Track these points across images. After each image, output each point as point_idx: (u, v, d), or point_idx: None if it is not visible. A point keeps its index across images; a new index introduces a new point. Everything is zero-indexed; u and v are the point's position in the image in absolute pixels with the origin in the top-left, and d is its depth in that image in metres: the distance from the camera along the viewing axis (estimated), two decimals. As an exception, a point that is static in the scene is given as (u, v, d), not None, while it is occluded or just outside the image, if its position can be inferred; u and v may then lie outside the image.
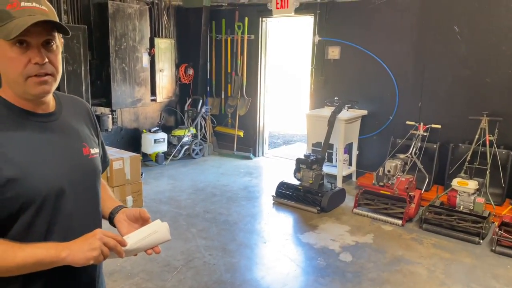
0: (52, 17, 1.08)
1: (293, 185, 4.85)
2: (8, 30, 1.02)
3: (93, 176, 1.25)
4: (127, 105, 5.86)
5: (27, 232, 1.09)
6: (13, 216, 1.08)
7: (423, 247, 3.83)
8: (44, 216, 1.11)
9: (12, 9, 1.03)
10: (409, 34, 5.08)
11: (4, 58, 1.06)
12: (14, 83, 1.09)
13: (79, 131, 1.25)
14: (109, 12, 5.37)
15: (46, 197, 1.10)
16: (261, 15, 6.34)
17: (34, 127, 1.14)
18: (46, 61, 1.07)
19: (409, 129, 4.97)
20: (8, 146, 1.07)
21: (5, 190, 1.05)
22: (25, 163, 1.08)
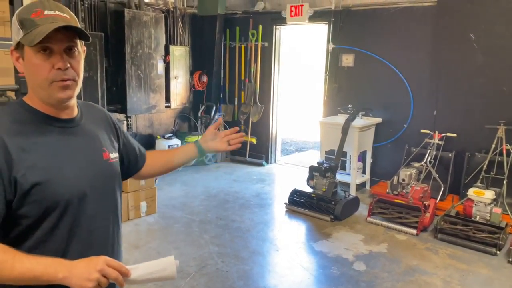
0: (73, 24, 1.11)
1: (306, 192, 4.83)
2: (32, 36, 1.06)
3: (113, 180, 1.28)
4: (142, 111, 5.92)
5: (51, 234, 1.12)
6: (38, 219, 1.10)
7: (438, 257, 3.78)
8: (67, 220, 1.13)
9: (36, 17, 1.08)
10: (424, 42, 5.05)
11: (30, 65, 1.10)
12: (39, 88, 1.12)
13: (99, 136, 1.28)
14: (125, 19, 5.45)
15: (69, 201, 1.13)
16: (275, 23, 6.37)
17: (57, 132, 1.17)
18: (68, 66, 1.11)
19: (424, 137, 4.92)
20: (33, 151, 1.10)
21: (30, 195, 1.07)
22: (49, 168, 1.10)
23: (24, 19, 1.09)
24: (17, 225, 1.10)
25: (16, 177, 1.06)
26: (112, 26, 5.61)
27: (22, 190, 1.06)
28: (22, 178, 1.06)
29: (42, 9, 1.09)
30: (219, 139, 1.57)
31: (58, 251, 1.12)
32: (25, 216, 1.09)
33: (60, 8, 1.12)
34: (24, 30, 1.08)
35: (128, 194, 4.32)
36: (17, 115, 1.14)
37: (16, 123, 1.12)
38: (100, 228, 1.22)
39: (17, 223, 1.10)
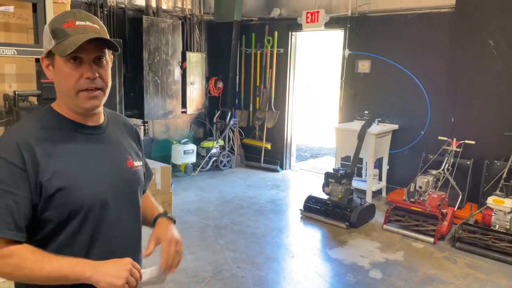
0: (103, 35, 1.15)
1: (321, 199, 4.81)
2: (64, 47, 1.09)
3: (136, 187, 1.30)
4: (159, 116, 5.99)
5: (74, 239, 1.14)
6: (61, 224, 1.13)
7: (456, 266, 3.71)
8: (90, 225, 1.16)
9: (68, 28, 1.11)
10: (441, 48, 5.01)
11: (59, 73, 1.14)
12: (66, 96, 1.15)
13: (124, 144, 1.30)
14: (143, 26, 5.54)
15: (92, 207, 1.15)
16: (290, 29, 6.40)
17: (83, 139, 1.19)
18: (97, 76, 1.14)
19: (442, 144, 4.86)
20: (58, 157, 1.13)
21: (54, 199, 1.10)
22: (73, 174, 1.13)
23: (56, 29, 1.12)
24: (41, 229, 1.13)
25: (42, 182, 1.09)
26: (130, 32, 5.70)
27: (46, 194, 1.09)
28: (47, 183, 1.09)
29: (74, 19, 1.12)
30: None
31: (79, 256, 1.14)
32: (49, 220, 1.12)
33: (91, 18, 1.16)
34: (55, 40, 1.11)
35: (145, 198, 4.36)
36: (45, 121, 1.18)
37: (44, 129, 1.15)
38: (122, 235, 1.24)
39: (41, 227, 1.13)
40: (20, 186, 1.07)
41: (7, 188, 1.06)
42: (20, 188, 1.07)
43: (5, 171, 1.06)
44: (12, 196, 1.06)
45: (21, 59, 3.34)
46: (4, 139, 1.13)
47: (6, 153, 1.08)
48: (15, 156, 1.07)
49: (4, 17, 3.30)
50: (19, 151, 1.08)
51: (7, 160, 1.07)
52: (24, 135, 1.11)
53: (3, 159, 1.07)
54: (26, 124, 1.19)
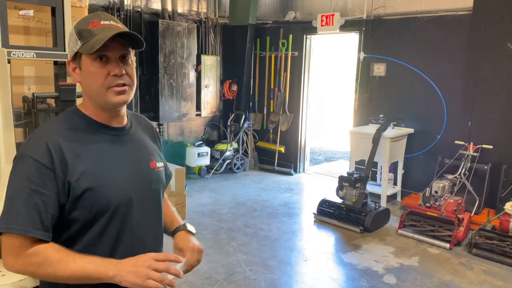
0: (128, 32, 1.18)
1: (335, 203, 4.78)
2: (90, 45, 1.11)
3: (158, 188, 1.32)
4: (174, 119, 6.04)
5: (99, 239, 1.16)
6: (88, 224, 1.15)
7: (473, 273, 3.65)
8: (115, 225, 1.18)
9: (93, 28, 1.14)
10: (459, 51, 4.94)
11: (87, 73, 1.16)
12: (96, 94, 1.17)
13: (146, 145, 1.32)
14: (159, 30, 5.60)
15: (118, 207, 1.17)
16: (305, 32, 6.39)
17: (108, 140, 1.21)
18: (124, 72, 1.16)
19: (458, 149, 4.79)
20: (86, 157, 1.15)
21: (82, 199, 1.12)
22: (100, 174, 1.15)
23: (82, 30, 1.15)
24: (68, 229, 1.15)
25: (70, 182, 1.11)
26: (146, 36, 5.77)
27: (74, 195, 1.11)
28: (75, 183, 1.11)
29: (98, 20, 1.16)
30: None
31: (104, 256, 1.15)
32: (76, 220, 1.14)
33: (114, 19, 1.19)
34: (82, 41, 1.14)
35: (159, 200, 4.39)
36: (72, 122, 1.20)
37: (71, 130, 1.17)
38: (144, 235, 1.25)
39: (68, 227, 1.14)
40: (48, 186, 1.08)
41: (35, 187, 1.07)
42: (48, 188, 1.08)
43: (34, 171, 1.08)
44: (40, 195, 1.07)
45: (39, 62, 3.40)
46: (33, 139, 1.15)
47: (36, 153, 1.10)
48: (44, 157, 1.09)
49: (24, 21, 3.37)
50: (48, 151, 1.10)
51: (36, 160, 1.09)
52: (53, 135, 1.13)
53: (32, 159, 1.09)
54: (54, 125, 1.21)
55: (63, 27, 3.27)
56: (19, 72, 3.37)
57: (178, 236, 1.37)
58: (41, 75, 3.51)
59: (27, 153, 1.11)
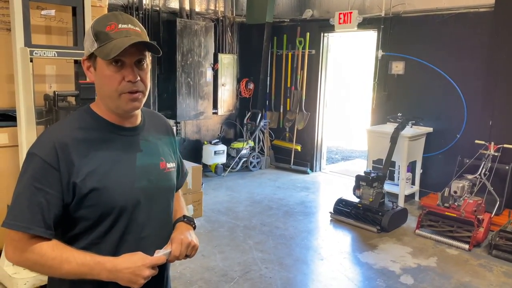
0: (145, 38, 1.17)
1: (352, 202, 4.75)
2: (107, 50, 1.11)
3: (168, 189, 1.31)
4: (191, 117, 6.09)
5: (104, 238, 1.17)
6: (94, 223, 1.16)
7: (492, 274, 3.58)
8: (120, 226, 1.18)
9: (111, 31, 1.13)
10: (479, 49, 4.84)
11: (101, 76, 1.15)
12: (108, 98, 1.17)
13: (158, 145, 1.31)
14: (177, 28, 5.65)
15: (124, 208, 1.17)
16: (322, 31, 6.36)
17: (119, 140, 1.21)
18: (138, 79, 1.15)
19: (478, 148, 4.69)
20: (94, 158, 1.15)
21: (88, 199, 1.13)
22: (107, 175, 1.15)
23: (99, 32, 1.13)
24: (74, 227, 1.17)
25: (76, 182, 1.12)
26: (164, 34, 5.83)
27: (80, 194, 1.12)
28: (81, 183, 1.12)
29: (116, 22, 1.14)
30: None
31: (107, 254, 1.16)
32: (82, 218, 1.15)
33: (132, 21, 1.17)
34: (98, 43, 1.13)
35: (176, 197, 4.44)
36: (83, 121, 1.20)
37: (82, 129, 1.18)
38: (150, 236, 1.25)
39: (74, 225, 1.16)
40: (52, 185, 1.10)
41: (40, 186, 1.09)
42: (52, 187, 1.10)
43: (40, 169, 1.10)
44: (44, 194, 1.09)
45: (60, 61, 3.47)
46: (42, 138, 1.16)
47: (42, 152, 1.11)
48: (50, 156, 1.10)
49: (46, 21, 3.44)
50: (54, 151, 1.10)
51: (42, 158, 1.10)
52: (61, 135, 1.14)
53: (39, 158, 1.10)
54: (65, 124, 1.22)
55: (83, 27, 3.34)
56: (41, 70, 3.45)
57: (176, 228, 1.33)
58: (62, 73, 3.58)
59: (34, 151, 1.12)
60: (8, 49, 3.15)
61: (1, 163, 3.34)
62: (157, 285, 1.30)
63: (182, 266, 3.53)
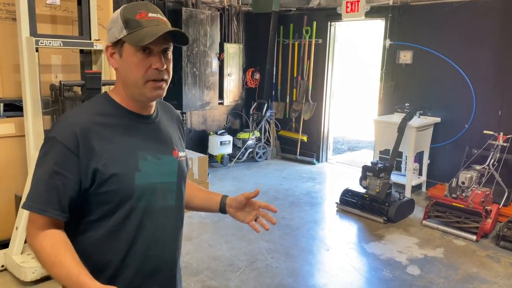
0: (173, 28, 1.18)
1: (358, 193, 4.73)
2: (139, 36, 1.11)
3: (181, 178, 1.32)
4: (197, 107, 6.07)
5: (123, 224, 1.18)
6: (112, 209, 1.17)
7: (500, 265, 3.56)
8: (139, 212, 1.19)
9: (141, 19, 1.14)
10: (490, 38, 4.76)
11: (128, 62, 1.16)
12: (133, 85, 1.18)
13: (170, 134, 1.33)
14: (182, 18, 5.61)
15: (142, 194, 1.18)
16: (329, 19, 6.28)
17: (136, 127, 1.23)
18: (165, 67, 1.17)
19: (487, 139, 4.64)
20: (114, 143, 1.16)
21: (107, 184, 1.14)
22: (126, 161, 1.17)
23: (129, 19, 1.14)
24: (93, 212, 1.17)
25: (97, 167, 1.12)
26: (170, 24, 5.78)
27: (101, 179, 1.13)
28: (103, 168, 1.13)
29: (146, 11, 1.15)
30: (249, 211, 1.48)
31: (127, 241, 1.18)
32: (102, 203, 1.16)
33: (160, 12, 1.19)
34: (128, 30, 1.13)
35: (182, 187, 4.45)
36: (102, 107, 1.21)
37: (101, 115, 1.18)
38: (166, 224, 1.27)
39: (93, 210, 1.17)
40: (70, 169, 1.11)
41: (58, 169, 1.10)
42: (71, 172, 1.11)
43: (59, 153, 1.11)
44: (61, 177, 1.10)
45: (66, 51, 3.46)
46: (62, 122, 1.17)
47: (63, 136, 1.12)
48: (70, 140, 1.11)
49: (51, 10, 3.42)
50: (75, 135, 1.11)
51: (62, 143, 1.11)
52: (82, 120, 1.15)
53: (59, 142, 1.11)
54: (84, 109, 1.22)
55: (88, 16, 3.32)
56: (47, 60, 3.44)
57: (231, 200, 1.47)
58: (67, 63, 3.57)
59: (54, 135, 1.13)
60: (13, 39, 3.15)
61: (8, 153, 3.36)
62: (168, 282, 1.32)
63: (188, 256, 3.55)
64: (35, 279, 3.01)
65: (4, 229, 3.32)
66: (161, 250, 1.26)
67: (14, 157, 3.36)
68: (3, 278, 3.13)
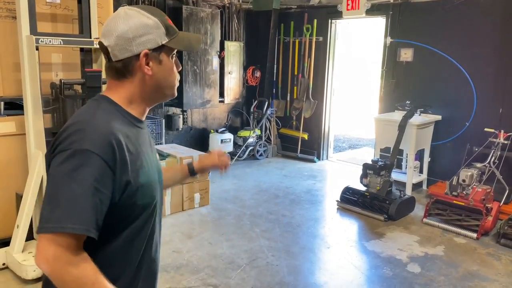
0: None
1: (359, 190, 4.73)
2: (185, 42, 1.22)
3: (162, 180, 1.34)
4: (197, 106, 6.07)
5: (137, 235, 1.16)
6: (131, 219, 1.13)
7: (500, 263, 3.56)
8: (150, 220, 1.20)
9: (172, 25, 1.19)
10: (491, 36, 4.75)
11: (167, 67, 1.19)
12: (169, 88, 1.23)
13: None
14: (183, 16, 5.60)
15: (156, 202, 1.20)
16: (330, 17, 6.27)
17: (142, 134, 1.22)
18: None
19: (488, 136, 4.64)
20: (137, 153, 1.12)
21: (135, 196, 1.10)
22: (147, 171, 1.16)
23: (168, 25, 1.16)
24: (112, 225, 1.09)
25: (129, 179, 1.07)
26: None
27: (130, 191, 1.08)
28: (133, 180, 1.08)
29: (167, 17, 1.20)
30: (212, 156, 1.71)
31: (139, 248, 1.18)
32: (125, 215, 1.11)
33: None
34: (168, 36, 1.16)
35: (183, 185, 4.45)
36: (117, 115, 1.14)
37: (121, 124, 1.12)
38: (158, 227, 1.29)
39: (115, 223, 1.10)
40: (107, 185, 1.03)
41: (99, 186, 1.01)
42: (107, 188, 1.03)
43: (98, 169, 1.01)
44: (99, 194, 1.01)
45: (66, 49, 3.46)
46: (94, 133, 1.04)
47: (99, 149, 1.02)
48: (109, 154, 1.03)
49: (51, 8, 3.42)
50: (112, 148, 1.03)
51: (101, 157, 1.01)
52: (113, 130, 1.06)
53: (97, 156, 1.01)
54: (107, 117, 1.10)
55: (89, 14, 3.32)
56: (47, 59, 3.44)
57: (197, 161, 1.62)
58: (68, 61, 3.57)
59: (90, 148, 1.01)
60: (14, 37, 3.15)
61: (9, 151, 3.36)
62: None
63: (189, 254, 3.56)
64: (36, 277, 3.02)
65: (5, 228, 3.33)
66: (159, 250, 1.30)
67: (14, 156, 3.37)
68: (4, 277, 3.14)
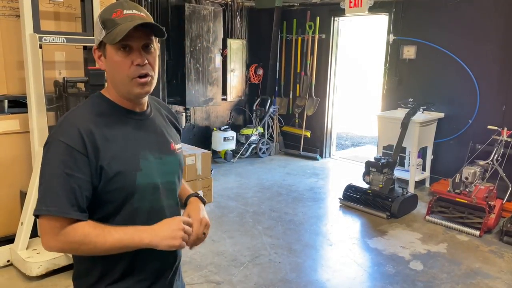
0: (149, 21, 1.19)
1: (361, 188, 4.73)
2: (113, 35, 1.14)
3: (179, 170, 1.35)
4: (200, 104, 6.08)
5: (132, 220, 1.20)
6: (119, 206, 1.20)
7: (503, 261, 3.56)
8: (143, 212, 1.22)
9: (117, 17, 1.16)
10: (494, 33, 4.74)
11: (111, 62, 1.19)
12: (120, 84, 1.20)
13: (166, 128, 1.35)
14: (185, 14, 5.60)
15: (144, 194, 1.21)
16: (333, 15, 6.26)
17: (133, 124, 1.25)
18: (146, 62, 1.18)
19: (491, 134, 4.63)
20: (115, 142, 1.18)
21: (113, 182, 1.16)
22: (128, 159, 1.19)
23: (106, 20, 1.17)
24: (100, 210, 1.19)
25: (103, 165, 1.14)
26: (173, 20, 5.79)
27: (106, 178, 1.15)
28: (107, 166, 1.15)
29: (121, 9, 1.17)
30: None
31: None
32: (107, 201, 1.18)
33: (137, 7, 1.20)
34: (106, 30, 1.16)
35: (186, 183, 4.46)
36: (99, 107, 1.23)
37: (100, 116, 1.21)
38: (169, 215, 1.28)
39: (100, 208, 1.19)
40: (82, 170, 1.12)
41: (71, 172, 1.11)
42: (82, 172, 1.12)
43: (69, 156, 1.11)
44: (75, 179, 1.11)
45: (70, 47, 3.47)
46: (64, 125, 1.17)
47: (68, 138, 1.12)
48: (77, 142, 1.12)
49: (55, 7, 3.43)
50: (80, 137, 1.13)
51: (69, 145, 1.12)
52: (84, 121, 1.16)
53: (65, 145, 1.12)
54: (83, 111, 1.23)
55: (92, 13, 3.33)
56: (50, 57, 3.46)
57: (190, 202, 1.37)
58: (71, 59, 3.59)
59: (59, 138, 1.13)
60: (17, 35, 3.16)
61: (13, 149, 3.38)
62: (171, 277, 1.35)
63: (192, 251, 3.56)
64: (41, 274, 3.04)
65: (9, 225, 3.36)
66: None
67: (18, 153, 3.39)
68: (9, 273, 3.17)
